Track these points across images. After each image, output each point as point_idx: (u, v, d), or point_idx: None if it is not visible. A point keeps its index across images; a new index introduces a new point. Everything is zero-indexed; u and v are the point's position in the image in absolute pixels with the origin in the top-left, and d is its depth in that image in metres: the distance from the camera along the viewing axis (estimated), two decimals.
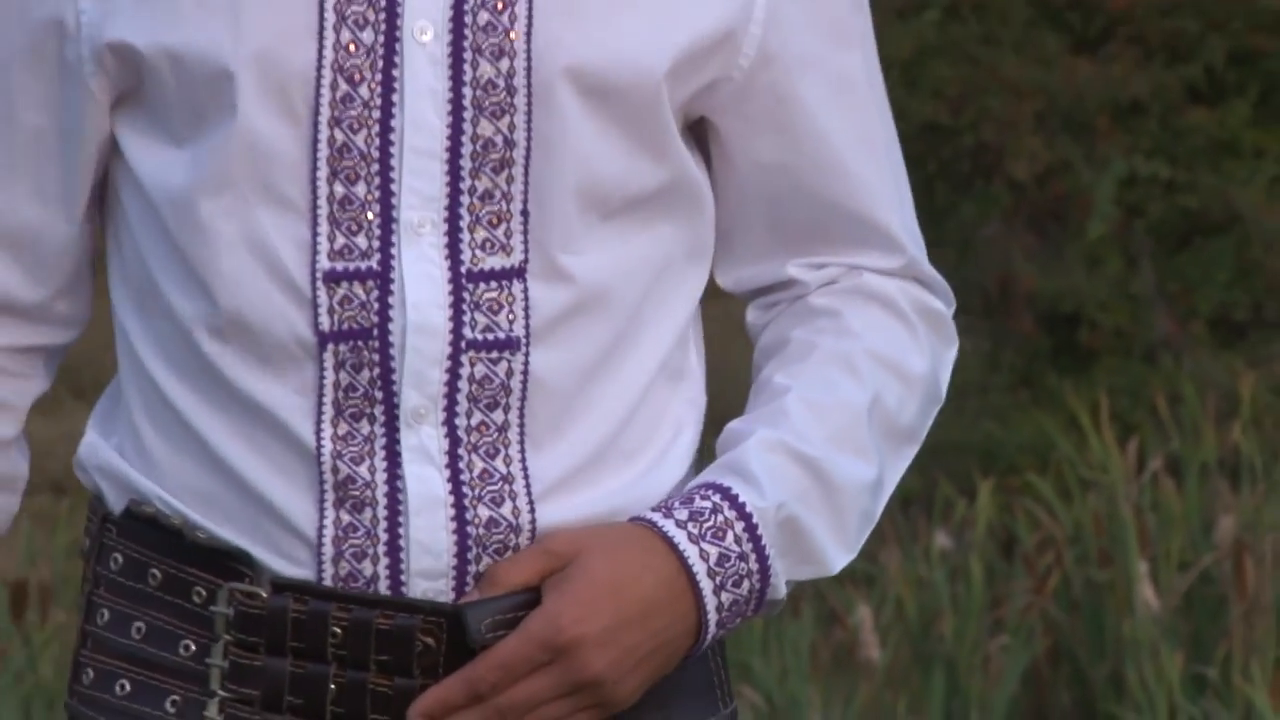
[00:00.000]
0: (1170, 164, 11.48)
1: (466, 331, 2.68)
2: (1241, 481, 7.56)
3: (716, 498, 2.70)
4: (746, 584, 2.69)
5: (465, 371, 2.68)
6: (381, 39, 2.67)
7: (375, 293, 2.67)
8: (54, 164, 2.76)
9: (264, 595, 2.66)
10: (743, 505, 2.69)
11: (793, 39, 2.79)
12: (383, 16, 2.67)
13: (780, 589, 2.71)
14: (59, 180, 2.77)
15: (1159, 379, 10.55)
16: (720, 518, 2.70)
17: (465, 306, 2.68)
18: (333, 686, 2.65)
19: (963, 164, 11.67)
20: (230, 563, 2.67)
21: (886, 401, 2.81)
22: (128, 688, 2.72)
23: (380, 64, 2.67)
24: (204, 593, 2.69)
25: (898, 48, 11.39)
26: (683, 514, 2.69)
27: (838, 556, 2.75)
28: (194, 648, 2.69)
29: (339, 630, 2.65)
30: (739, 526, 2.69)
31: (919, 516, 8.54)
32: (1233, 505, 7.29)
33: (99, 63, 2.69)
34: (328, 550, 2.67)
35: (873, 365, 2.82)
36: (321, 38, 2.65)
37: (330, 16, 2.66)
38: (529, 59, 2.68)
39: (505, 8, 2.68)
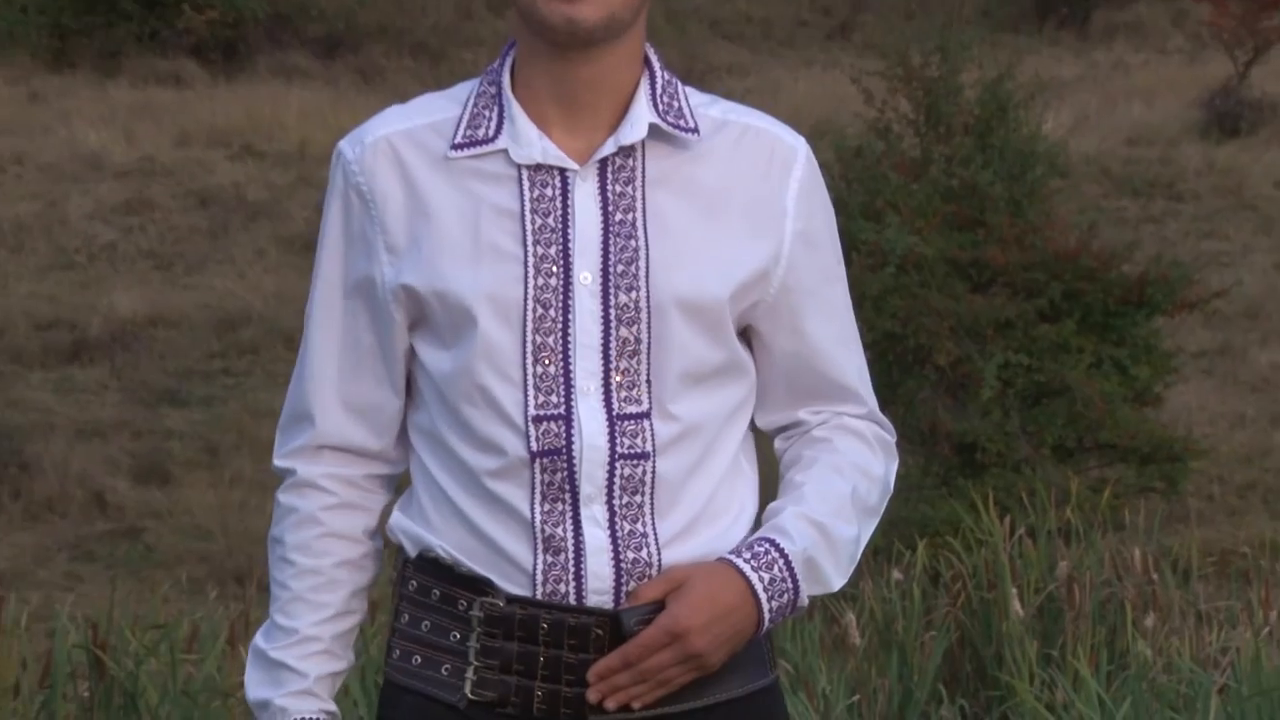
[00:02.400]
0: (1029, 357, 11.42)
1: (618, 449, 2.65)
2: (1071, 541, 7.52)
3: (767, 544, 2.67)
4: (786, 596, 2.67)
5: (618, 472, 2.66)
6: (560, 282, 2.64)
7: (563, 428, 2.64)
8: (383, 364, 2.72)
9: (501, 605, 2.64)
10: (783, 549, 2.67)
11: (802, 278, 2.74)
12: (561, 269, 2.63)
13: (804, 600, 2.69)
14: (388, 374, 2.72)
15: (1023, 481, 10.46)
16: (770, 556, 2.66)
17: (616, 434, 2.65)
18: (541, 659, 2.64)
19: (908, 356, 11.61)
20: (480, 586, 2.66)
21: (860, 491, 2.77)
22: (419, 660, 2.69)
23: (560, 296, 2.64)
24: (464, 604, 2.67)
25: (870, 287, 11.33)
26: (747, 555, 2.66)
27: (836, 581, 2.72)
28: (458, 636, 2.67)
29: (545, 625, 2.64)
30: (780, 562, 2.66)
31: (883, 561, 8.49)
32: (1066, 555, 7.24)
33: (396, 300, 2.66)
34: (539, 579, 2.65)
35: (853, 470, 2.78)
36: (526, 283, 2.62)
37: (531, 271, 2.63)
38: (649, 291, 2.65)
39: (632, 261, 2.65)
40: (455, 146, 2.66)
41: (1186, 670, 6.27)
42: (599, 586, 2.66)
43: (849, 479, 2.79)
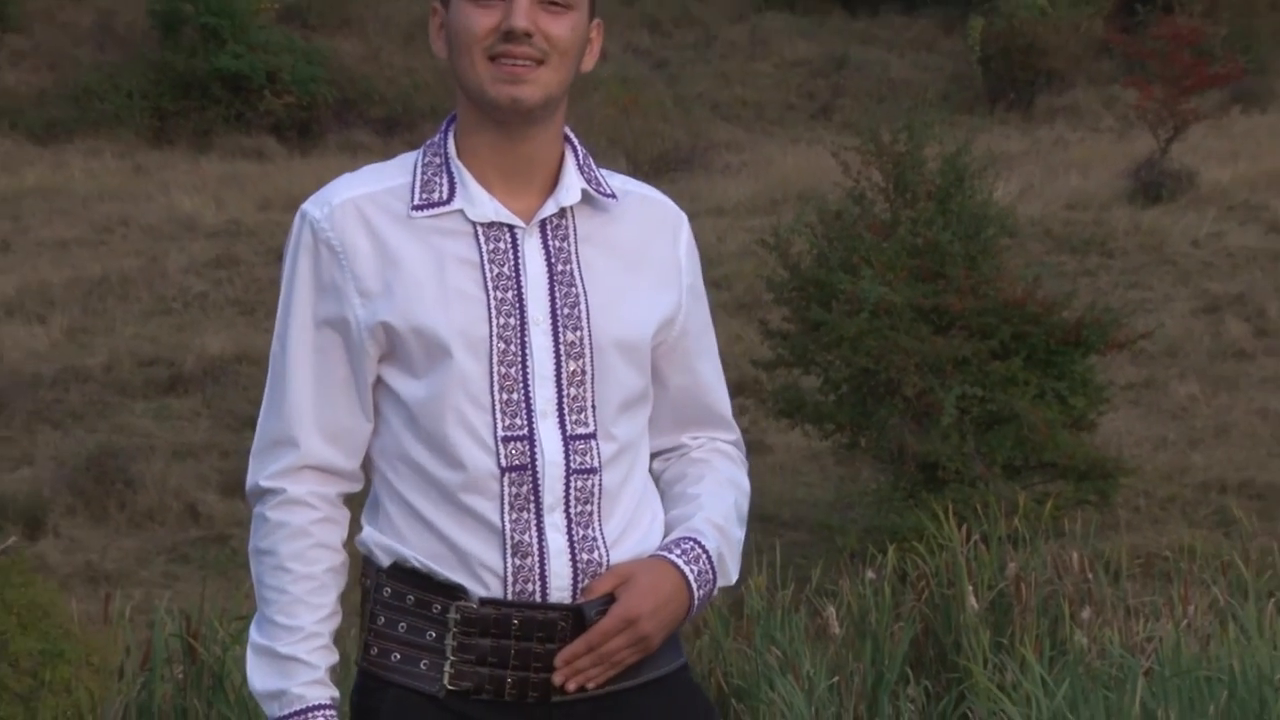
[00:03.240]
0: (982, 389, 11.40)
1: (572, 464, 2.67)
2: (1019, 546, 7.52)
3: (692, 543, 2.73)
4: (708, 585, 2.73)
5: (573, 485, 2.67)
6: (518, 322, 2.66)
7: (526, 447, 2.65)
8: (355, 393, 2.71)
9: (475, 607, 2.64)
10: (705, 546, 2.74)
11: (693, 323, 2.80)
12: (517, 310, 2.65)
13: (716, 590, 2.76)
14: (358, 401, 2.71)
15: (977, 495, 10.46)
16: (696, 552, 2.73)
17: (570, 452, 2.67)
18: (513, 651, 2.65)
19: (880, 388, 11.57)
20: (454, 591, 2.66)
21: (738, 502, 2.84)
22: (398, 657, 2.68)
23: (519, 334, 2.65)
24: (439, 607, 2.66)
25: (847, 330, 11.32)
26: (678, 551, 2.72)
27: (734, 575, 2.78)
28: (434, 635, 2.66)
29: (516, 622, 2.64)
30: (705, 558, 2.73)
31: (859, 563, 8.48)
32: (1014, 558, 7.25)
33: (372, 336, 2.66)
34: (509, 580, 2.65)
35: (730, 485, 2.85)
36: (490, 323, 2.64)
37: (494, 313, 2.64)
38: (590, 331, 2.68)
39: (575, 305, 2.68)
40: (416, 208, 2.67)
41: (1117, 656, 6.27)
42: (560, 585, 2.66)
43: (731, 493, 2.84)
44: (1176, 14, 21.69)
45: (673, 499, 2.82)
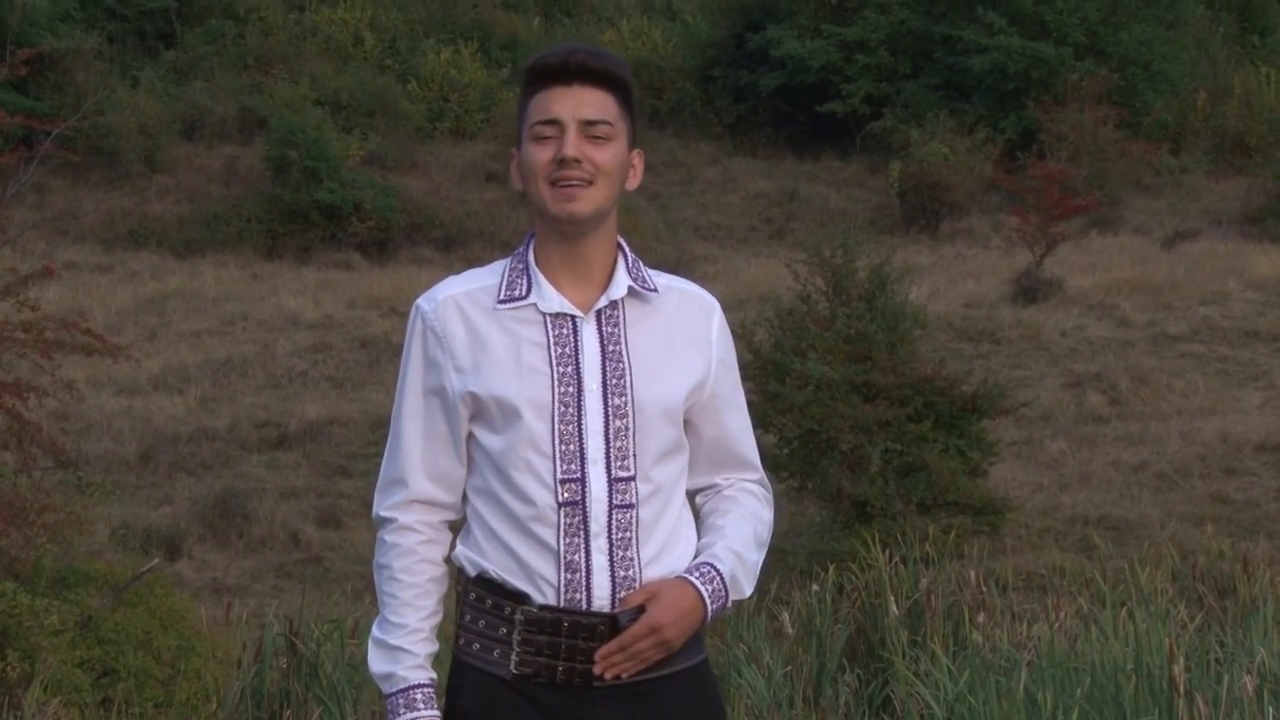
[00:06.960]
0: (901, 445, 11.40)
1: (615, 501, 2.63)
2: (929, 565, 7.50)
3: (709, 567, 2.68)
4: (720, 601, 2.68)
5: (615, 517, 2.63)
6: (575, 390, 2.63)
7: (579, 487, 2.61)
8: (452, 444, 2.68)
9: (535, 611, 2.62)
10: (719, 570, 2.69)
11: (722, 387, 2.75)
12: (575, 381, 2.63)
13: (730, 605, 2.70)
14: (455, 451, 2.68)
15: (897, 527, 10.44)
16: (711, 574, 2.67)
17: (614, 491, 2.63)
18: (563, 646, 2.62)
19: (822, 445, 11.57)
20: (520, 597, 2.64)
21: (758, 531, 2.77)
22: (478, 646, 2.66)
23: (575, 400, 2.63)
24: (509, 609, 2.63)
25: (797, 400, 11.32)
26: (697, 575, 2.67)
27: (748, 591, 2.73)
28: (505, 631, 2.64)
29: (566, 624, 2.61)
30: (718, 579, 2.67)
31: (806, 579, 8.46)
32: (926, 575, 7.23)
33: (463, 402, 2.65)
34: (561, 590, 2.62)
35: (753, 517, 2.78)
36: (553, 391, 2.62)
37: (556, 382, 2.62)
38: (633, 397, 2.65)
39: (622, 377, 2.64)
40: (500, 302, 2.67)
41: (1005, 651, 6.25)
42: (601, 595, 2.62)
43: (751, 523, 2.77)
44: (1048, 159, 21.83)
45: (706, 529, 2.78)
